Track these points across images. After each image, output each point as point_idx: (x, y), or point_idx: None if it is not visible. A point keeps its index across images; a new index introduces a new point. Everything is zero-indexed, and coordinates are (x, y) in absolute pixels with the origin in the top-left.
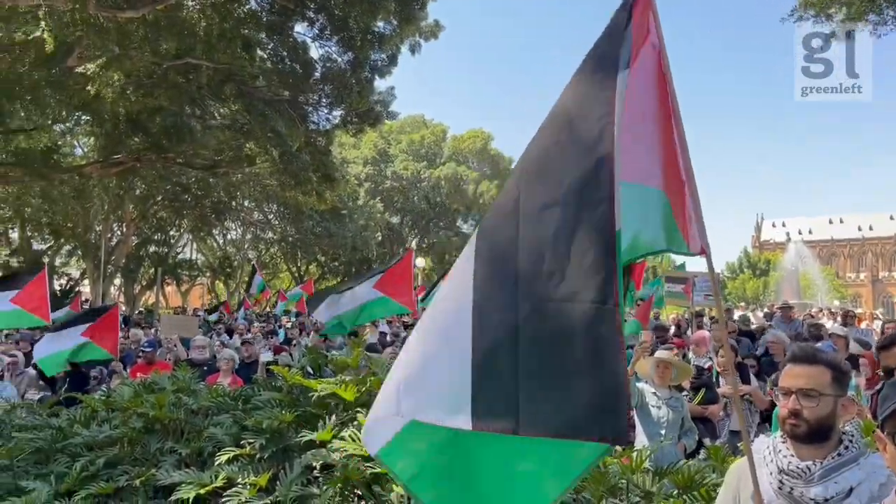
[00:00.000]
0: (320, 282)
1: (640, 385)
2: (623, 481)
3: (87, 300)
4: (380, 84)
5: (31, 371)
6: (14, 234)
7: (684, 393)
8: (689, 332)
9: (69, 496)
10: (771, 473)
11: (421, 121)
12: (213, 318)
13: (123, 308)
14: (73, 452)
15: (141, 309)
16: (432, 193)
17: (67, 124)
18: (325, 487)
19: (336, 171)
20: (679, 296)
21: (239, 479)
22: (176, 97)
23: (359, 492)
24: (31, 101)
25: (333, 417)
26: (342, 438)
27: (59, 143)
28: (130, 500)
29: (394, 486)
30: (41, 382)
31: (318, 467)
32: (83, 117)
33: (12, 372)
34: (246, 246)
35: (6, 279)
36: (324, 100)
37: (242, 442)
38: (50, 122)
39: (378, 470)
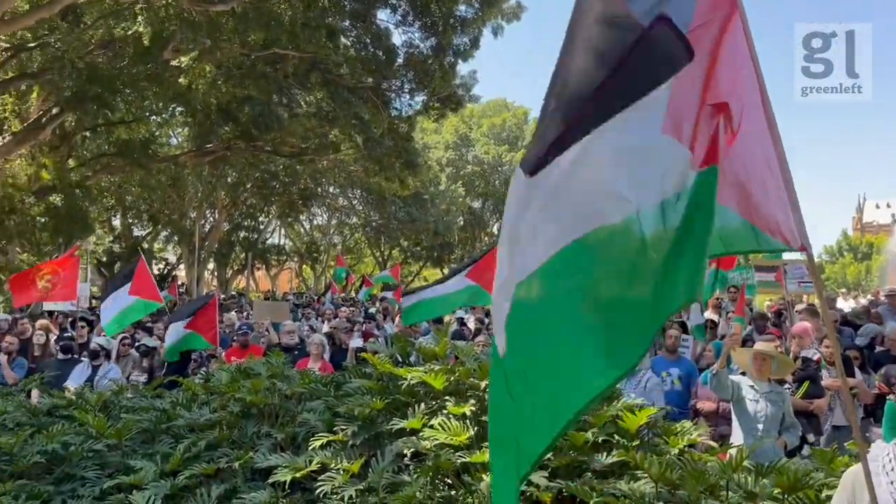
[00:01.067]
0: (403, 266)
1: (736, 378)
2: (723, 480)
3: (182, 284)
4: (462, 68)
5: (135, 353)
6: (116, 221)
7: (786, 386)
8: (787, 322)
9: (174, 475)
10: (892, 483)
11: (502, 104)
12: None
13: (215, 290)
14: (176, 434)
15: (233, 293)
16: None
17: (163, 116)
18: (415, 475)
19: (418, 156)
20: (771, 284)
21: (332, 465)
22: (264, 87)
23: (449, 480)
24: (131, 94)
25: (422, 405)
26: (432, 427)
27: (157, 133)
28: (230, 482)
29: (483, 476)
30: (144, 364)
31: (408, 455)
32: (178, 108)
33: (120, 354)
34: (331, 231)
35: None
36: (406, 85)
37: (335, 428)
38: (147, 113)
39: (468, 459)
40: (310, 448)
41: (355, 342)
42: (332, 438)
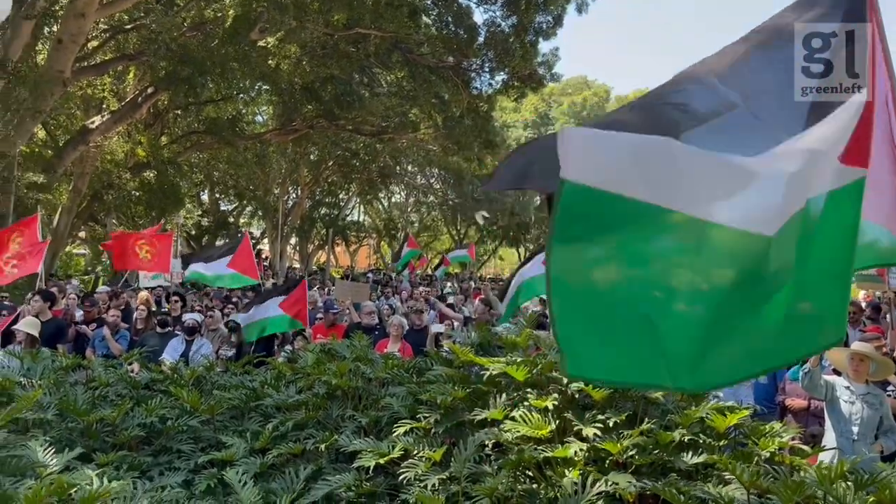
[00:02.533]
0: (479, 245)
1: (830, 377)
2: (820, 491)
3: (266, 258)
4: (543, 46)
5: (224, 329)
6: (205, 196)
7: (891, 387)
8: (888, 318)
9: (262, 453)
10: None
11: (583, 81)
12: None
13: (297, 266)
14: (264, 412)
15: (314, 268)
16: None
17: (250, 94)
18: (496, 466)
19: (497, 136)
20: (871, 278)
21: (414, 452)
22: (346, 66)
23: (530, 473)
24: (220, 75)
25: (503, 396)
26: (513, 419)
27: (243, 112)
28: (316, 462)
29: (565, 471)
30: (232, 340)
31: (489, 445)
32: (263, 87)
33: (209, 328)
34: (409, 209)
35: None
36: (487, 64)
37: (418, 415)
38: (235, 92)
39: (550, 454)
40: (394, 434)
41: (436, 327)
42: (415, 425)
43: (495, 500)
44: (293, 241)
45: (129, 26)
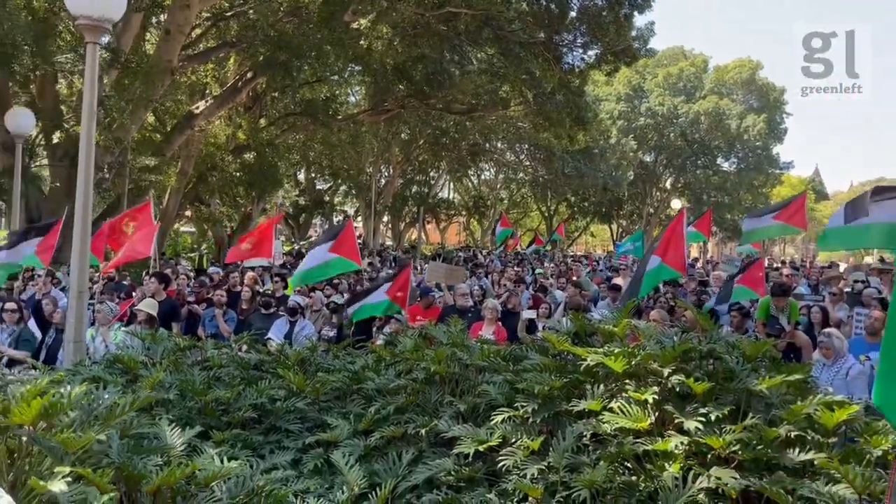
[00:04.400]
0: (569, 222)
1: None
2: None
3: (360, 235)
4: (638, 20)
5: (325, 310)
6: (301, 176)
7: None
8: None
9: (365, 435)
10: None
11: (679, 52)
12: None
13: (390, 243)
14: (366, 395)
15: (406, 245)
16: (690, 129)
17: (343, 76)
18: (594, 458)
19: (588, 111)
20: None
21: (513, 440)
22: (437, 45)
23: (629, 465)
24: (315, 58)
25: (601, 387)
26: (611, 410)
27: (337, 93)
28: (416, 446)
29: (665, 465)
30: (333, 321)
31: (587, 436)
32: (356, 69)
33: (311, 309)
34: (498, 186)
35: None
36: (579, 39)
37: (515, 403)
38: (329, 74)
39: (650, 446)
40: (492, 422)
41: (527, 313)
42: (513, 414)
43: (594, 492)
44: (385, 218)
45: (229, 14)
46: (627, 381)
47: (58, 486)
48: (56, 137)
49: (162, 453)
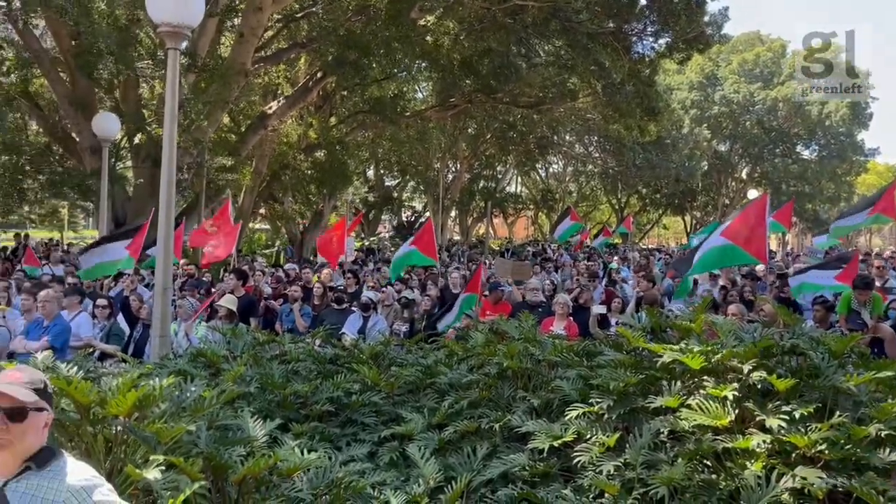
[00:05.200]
0: (641, 214)
1: None
2: None
3: None
4: (711, 5)
5: (397, 305)
6: (370, 173)
7: None
8: None
9: (439, 429)
10: None
11: (755, 37)
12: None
13: (458, 238)
14: (439, 389)
15: (473, 240)
16: (767, 117)
17: (411, 73)
18: (672, 454)
19: (660, 101)
20: None
21: (588, 436)
22: (503, 39)
23: (708, 463)
24: (384, 56)
25: (678, 384)
26: (689, 407)
27: (404, 90)
28: (490, 440)
29: (747, 463)
30: (405, 315)
31: (664, 433)
32: (423, 65)
33: (383, 304)
34: (567, 179)
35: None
36: (649, 28)
37: (590, 399)
38: (396, 71)
39: (730, 444)
40: (565, 417)
41: (597, 308)
42: (588, 410)
43: (672, 490)
44: (453, 213)
45: (299, 15)
46: (705, 377)
47: (152, 473)
48: (138, 140)
49: (245, 444)
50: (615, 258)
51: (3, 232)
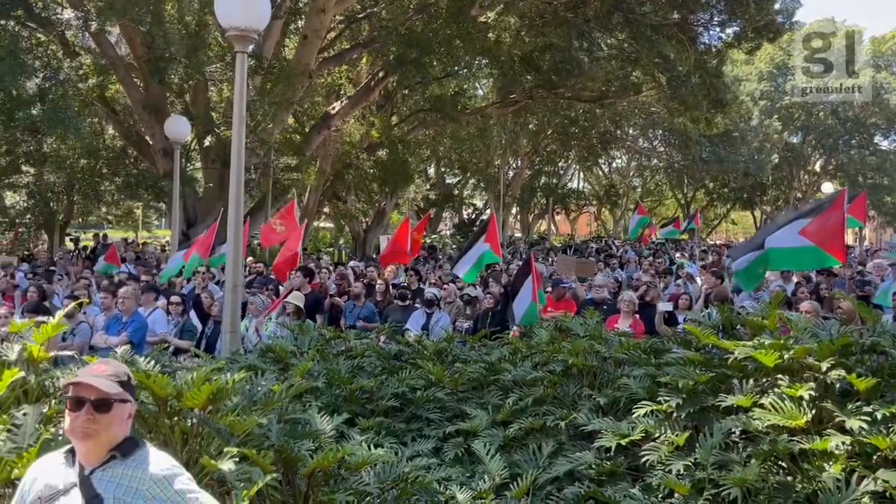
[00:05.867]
0: (708, 209)
1: None
2: None
3: None
4: None
5: (460, 301)
6: (431, 171)
7: None
8: None
9: (504, 426)
10: None
11: (829, 23)
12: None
13: (519, 235)
14: (503, 386)
15: (535, 237)
16: (842, 107)
17: (471, 70)
18: (744, 455)
19: (727, 92)
20: None
21: (656, 435)
22: (564, 33)
23: (784, 465)
24: (445, 53)
25: (751, 382)
26: (762, 406)
27: (465, 87)
28: (556, 438)
29: (825, 465)
30: (468, 312)
31: (736, 433)
32: (483, 62)
33: (445, 301)
34: (631, 174)
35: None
36: (716, 17)
37: (658, 398)
38: (456, 69)
39: (807, 446)
40: (632, 415)
41: (663, 305)
42: (656, 408)
43: (745, 491)
44: (514, 210)
45: (361, 15)
46: (780, 376)
47: (227, 464)
48: (208, 142)
49: (313, 438)
50: (679, 254)
51: (84, 233)
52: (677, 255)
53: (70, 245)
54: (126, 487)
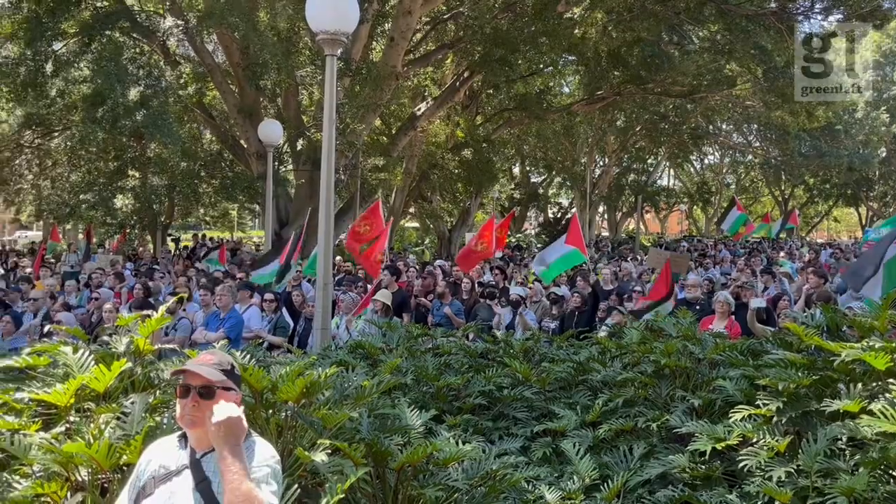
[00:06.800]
0: (808, 206)
1: None
2: None
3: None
4: None
5: (546, 301)
6: (516, 170)
7: None
8: None
9: (593, 426)
10: None
11: None
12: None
13: (606, 234)
14: (591, 386)
15: (622, 236)
16: None
17: (557, 67)
18: (852, 463)
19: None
20: None
21: (755, 439)
22: (654, 27)
23: (894, 473)
24: (530, 51)
25: (859, 386)
26: (872, 412)
27: (550, 84)
28: (647, 440)
29: None
30: (553, 312)
31: (842, 440)
32: (569, 58)
33: (531, 300)
34: (724, 170)
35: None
36: (817, 5)
37: (756, 401)
38: (542, 66)
39: None
40: (729, 419)
41: (755, 302)
42: (754, 412)
43: (853, 501)
44: (601, 209)
45: (446, 16)
46: (891, 380)
47: (320, 456)
48: (299, 144)
49: (402, 433)
50: (780, 254)
51: (184, 233)
52: (781, 254)
53: (171, 245)
54: None
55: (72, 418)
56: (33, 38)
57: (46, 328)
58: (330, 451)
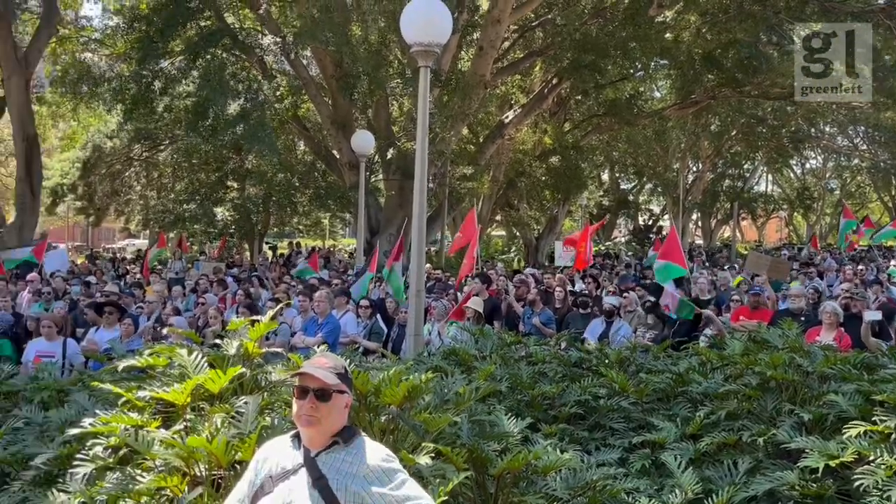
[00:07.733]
0: None
1: None
2: None
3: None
4: None
5: (640, 310)
6: (605, 176)
7: None
8: None
9: (693, 439)
10: None
11: None
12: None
13: (700, 242)
14: (691, 398)
15: (717, 244)
16: None
17: (648, 71)
18: None
19: None
20: None
21: (871, 457)
22: (751, 28)
23: None
24: (620, 56)
25: None
26: None
27: (641, 89)
28: (753, 455)
29: None
30: (649, 321)
31: None
32: (661, 62)
33: (625, 309)
34: (827, 175)
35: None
36: None
37: (873, 417)
38: (632, 71)
39: None
40: (842, 435)
41: (869, 314)
42: (870, 428)
43: None
44: (695, 216)
45: (534, 24)
46: None
47: (423, 459)
48: (389, 154)
49: (499, 440)
50: (892, 262)
51: (279, 241)
52: (892, 262)
53: (268, 253)
54: (346, 472)
55: (188, 417)
56: (144, 56)
57: (164, 331)
58: (433, 455)
